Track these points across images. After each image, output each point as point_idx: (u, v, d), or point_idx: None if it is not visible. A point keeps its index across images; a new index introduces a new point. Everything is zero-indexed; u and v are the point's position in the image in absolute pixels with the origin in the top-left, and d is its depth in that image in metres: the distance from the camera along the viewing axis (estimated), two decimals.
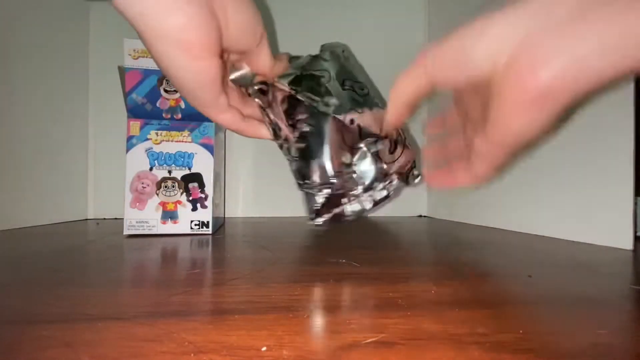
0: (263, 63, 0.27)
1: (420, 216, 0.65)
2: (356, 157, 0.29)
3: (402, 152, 0.30)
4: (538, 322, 0.18)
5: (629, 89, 0.34)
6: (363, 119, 0.28)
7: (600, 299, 0.21)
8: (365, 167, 0.29)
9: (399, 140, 0.30)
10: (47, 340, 0.16)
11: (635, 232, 0.35)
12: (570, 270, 0.28)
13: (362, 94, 0.30)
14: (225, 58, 0.26)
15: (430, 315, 0.19)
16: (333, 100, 0.28)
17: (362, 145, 0.29)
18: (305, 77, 0.28)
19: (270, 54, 0.27)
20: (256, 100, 0.29)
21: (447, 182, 0.26)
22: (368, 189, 0.30)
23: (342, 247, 0.36)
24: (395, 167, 0.30)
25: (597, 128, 0.37)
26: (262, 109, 0.29)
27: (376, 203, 0.31)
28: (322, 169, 0.28)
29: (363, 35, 0.63)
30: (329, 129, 0.28)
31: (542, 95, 0.17)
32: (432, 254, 0.34)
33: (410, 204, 0.66)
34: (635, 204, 0.34)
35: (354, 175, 0.29)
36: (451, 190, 0.59)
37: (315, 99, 0.27)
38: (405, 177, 0.31)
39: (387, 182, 0.30)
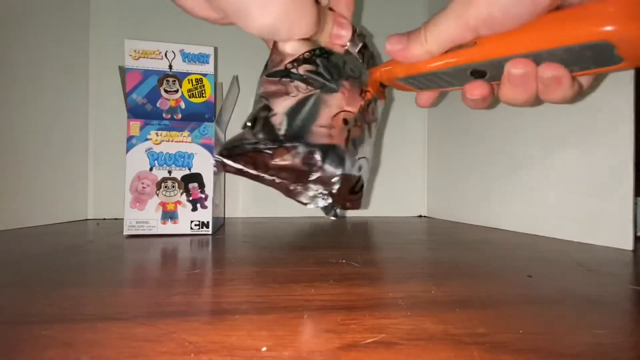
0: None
1: (420, 216, 0.65)
2: None
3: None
4: (538, 322, 0.18)
5: (629, 89, 0.34)
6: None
7: (600, 299, 0.21)
8: None
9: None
10: (47, 340, 0.16)
11: (635, 232, 0.35)
12: (570, 270, 0.28)
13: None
14: None
15: (430, 315, 0.19)
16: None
17: None
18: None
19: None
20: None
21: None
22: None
23: (342, 247, 0.36)
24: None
25: (597, 128, 0.37)
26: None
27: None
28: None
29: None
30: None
31: None
32: (432, 254, 0.34)
33: (410, 204, 0.66)
34: (635, 204, 0.34)
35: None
36: (451, 191, 0.59)
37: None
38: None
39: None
